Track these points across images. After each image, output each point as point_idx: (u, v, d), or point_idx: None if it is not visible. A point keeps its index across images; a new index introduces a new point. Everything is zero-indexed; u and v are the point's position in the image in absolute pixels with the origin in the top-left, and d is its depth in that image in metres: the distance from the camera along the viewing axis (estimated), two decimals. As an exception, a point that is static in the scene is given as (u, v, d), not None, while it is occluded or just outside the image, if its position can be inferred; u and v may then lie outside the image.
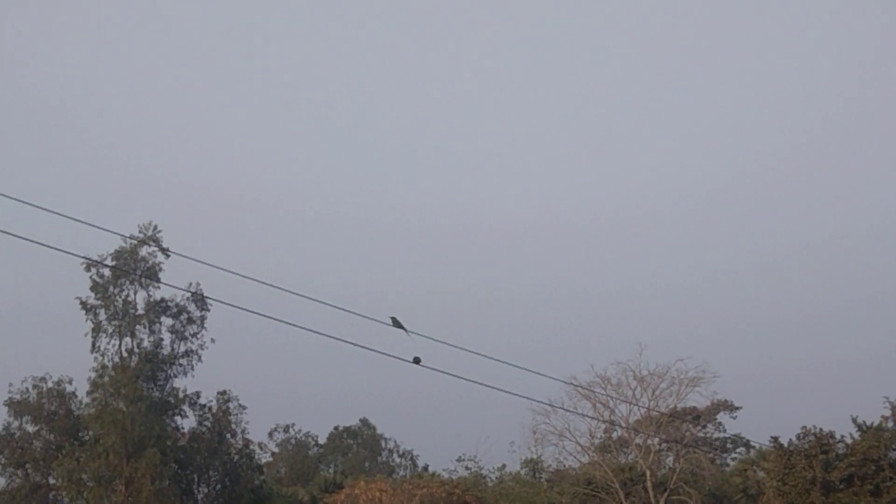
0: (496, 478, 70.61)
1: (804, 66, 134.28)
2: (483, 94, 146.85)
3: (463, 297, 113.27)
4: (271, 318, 17.64)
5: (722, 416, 69.33)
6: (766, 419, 67.70)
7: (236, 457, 63.56)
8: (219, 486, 63.06)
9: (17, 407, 65.14)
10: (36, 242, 15.35)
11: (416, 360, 19.17)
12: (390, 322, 18.70)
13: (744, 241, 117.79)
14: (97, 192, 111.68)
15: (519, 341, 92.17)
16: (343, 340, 17.60)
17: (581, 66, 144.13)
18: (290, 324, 17.83)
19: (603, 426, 65.16)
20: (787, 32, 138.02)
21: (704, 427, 67.80)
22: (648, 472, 59.46)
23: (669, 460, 63.77)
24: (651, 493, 58.80)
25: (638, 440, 63.19)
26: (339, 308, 17.31)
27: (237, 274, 17.32)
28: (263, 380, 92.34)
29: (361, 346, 17.69)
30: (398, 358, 18.52)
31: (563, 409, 59.14)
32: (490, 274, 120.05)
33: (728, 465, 69.97)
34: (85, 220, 15.75)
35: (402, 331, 18.73)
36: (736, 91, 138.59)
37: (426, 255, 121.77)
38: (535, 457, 68.60)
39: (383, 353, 18.17)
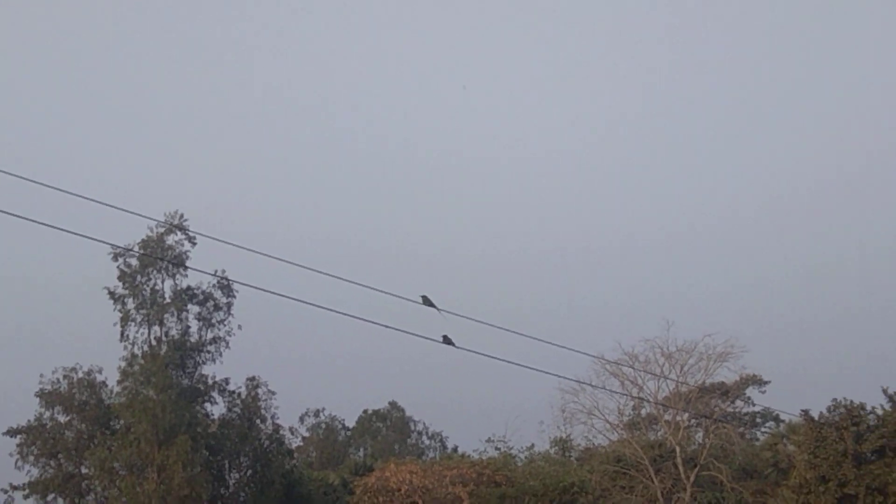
0: (525, 457, 70.69)
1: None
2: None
3: (487, 272, 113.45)
4: (293, 298, 17.59)
5: (751, 391, 68.96)
6: (795, 393, 67.39)
7: (266, 442, 63.75)
8: (250, 471, 63.27)
9: (49, 397, 65.44)
10: (64, 230, 15.40)
11: (447, 340, 19.02)
12: (420, 301, 18.58)
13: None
14: (123, 181, 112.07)
15: (545, 320, 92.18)
16: (371, 321, 17.59)
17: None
18: (312, 304, 17.74)
19: (632, 403, 65.08)
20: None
21: (733, 402, 67.54)
22: (678, 448, 59.32)
23: (699, 436, 63.60)
24: (681, 469, 58.68)
25: (667, 416, 63.06)
26: (368, 287, 17.26)
27: (260, 253, 17.30)
28: (292, 365, 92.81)
29: (390, 327, 17.66)
30: (428, 338, 18.43)
31: (591, 385, 59.11)
32: (513, 249, 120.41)
33: (758, 439, 69.71)
34: (112, 204, 15.79)
35: (432, 310, 18.60)
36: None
37: (451, 223, 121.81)
38: (564, 436, 68.66)
39: (412, 334, 18.08)
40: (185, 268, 60.53)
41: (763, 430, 71.81)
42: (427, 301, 18.54)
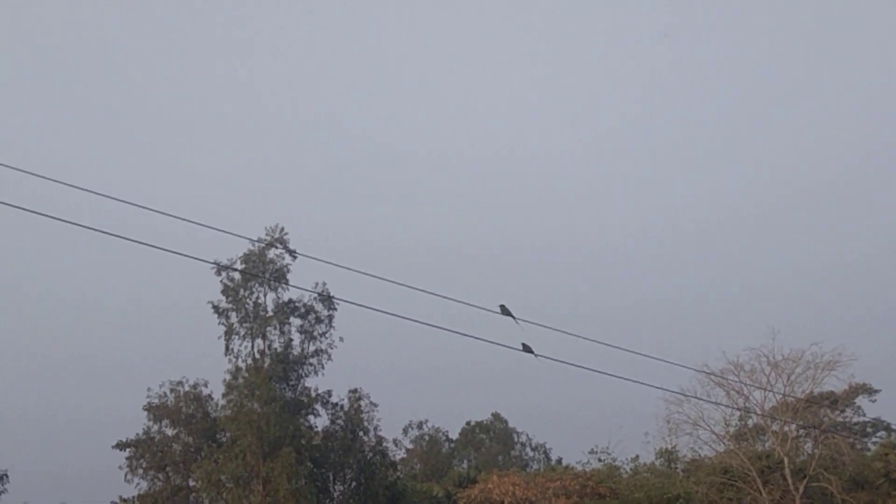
0: (631, 469, 69.91)
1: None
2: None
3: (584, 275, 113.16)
4: (386, 312, 17.54)
5: (861, 400, 67.53)
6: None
7: (370, 454, 63.93)
8: (354, 483, 63.47)
9: (156, 411, 66.46)
10: (169, 251, 15.65)
11: (527, 349, 18.80)
12: (499, 310, 18.42)
13: (874, 223, 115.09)
14: (222, 195, 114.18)
15: (648, 329, 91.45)
16: (451, 331, 17.47)
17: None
18: (402, 317, 17.68)
19: (738, 414, 64.07)
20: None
21: (843, 411, 66.14)
22: (786, 459, 58.25)
23: (808, 446, 62.35)
24: (790, 481, 57.59)
25: (774, 427, 61.93)
26: (451, 299, 17.18)
27: (356, 271, 17.33)
28: (394, 376, 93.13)
29: (470, 336, 17.52)
30: (508, 346, 18.26)
31: (695, 397, 58.34)
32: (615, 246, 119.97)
33: (869, 449, 68.09)
34: (215, 227, 16.02)
35: (512, 320, 18.42)
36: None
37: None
38: (669, 447, 67.77)
39: (493, 343, 17.92)
40: (286, 282, 60.92)
41: (874, 440, 70.10)
42: (505, 310, 18.36)
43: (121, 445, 66.69)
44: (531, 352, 18.76)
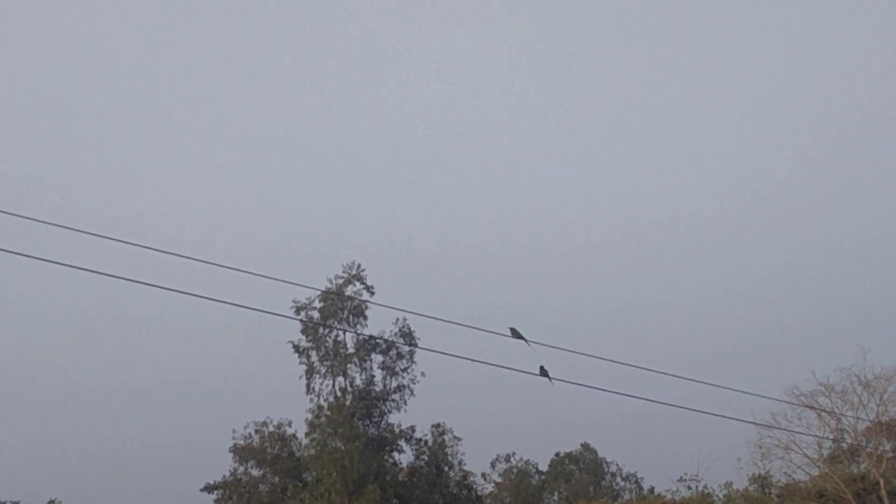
0: (724, 495, 68.52)
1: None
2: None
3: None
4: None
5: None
6: None
7: (455, 489, 63.42)
8: (441, 518, 63.03)
9: (242, 452, 66.62)
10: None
11: (543, 373, 18.45)
12: (510, 333, 18.15)
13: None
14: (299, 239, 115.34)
15: (736, 349, 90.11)
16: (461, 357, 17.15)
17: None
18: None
19: (831, 435, 62.54)
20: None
21: (940, 430, 64.25)
22: (882, 481, 56.66)
23: (904, 467, 60.65)
24: (886, 502, 55.97)
25: (869, 448, 60.31)
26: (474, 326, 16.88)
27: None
28: (479, 410, 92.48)
29: (482, 362, 17.24)
30: (524, 371, 17.93)
31: (783, 429, 57.19)
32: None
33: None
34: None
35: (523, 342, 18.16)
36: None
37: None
38: (762, 472, 66.38)
39: (505, 367, 17.64)
40: (365, 318, 60.78)
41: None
42: (516, 333, 18.01)
43: (209, 488, 66.86)
44: (547, 376, 18.36)
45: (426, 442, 63.61)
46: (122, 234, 15.43)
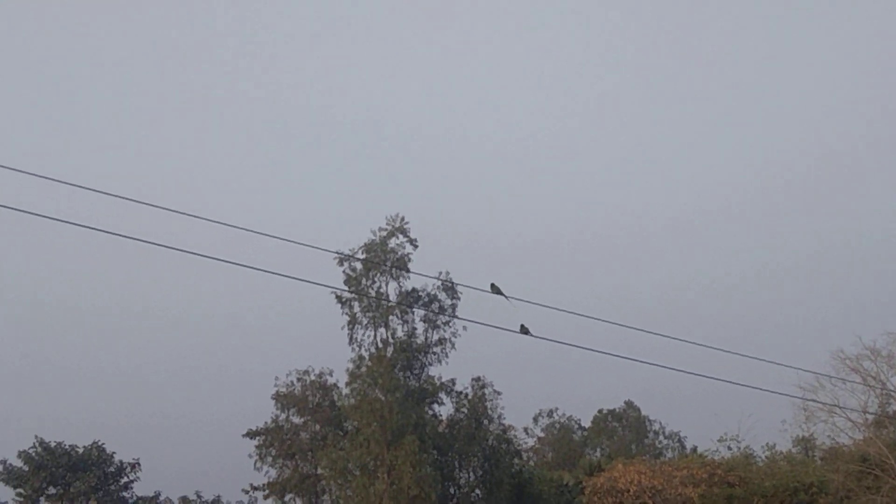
0: (766, 457, 68.06)
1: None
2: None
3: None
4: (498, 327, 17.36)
5: None
6: None
7: (494, 442, 63.57)
8: (479, 471, 63.22)
9: (284, 400, 67.26)
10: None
11: (524, 330, 18.40)
12: (490, 290, 18.11)
13: None
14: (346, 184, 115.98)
15: (781, 313, 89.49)
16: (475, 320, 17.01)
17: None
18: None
19: (876, 400, 61.80)
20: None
21: None
22: (926, 448, 56.00)
23: (951, 433, 59.92)
24: (929, 469, 55.36)
25: (914, 413, 59.64)
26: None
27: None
28: (520, 364, 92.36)
29: (472, 321, 17.11)
30: (504, 328, 17.88)
31: (830, 378, 56.42)
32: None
33: None
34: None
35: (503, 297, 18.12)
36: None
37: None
38: (806, 434, 65.78)
39: (487, 325, 17.61)
40: (408, 271, 60.67)
41: None
42: (496, 289, 17.94)
43: (251, 434, 67.74)
44: (528, 333, 18.29)
45: (466, 395, 63.76)
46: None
